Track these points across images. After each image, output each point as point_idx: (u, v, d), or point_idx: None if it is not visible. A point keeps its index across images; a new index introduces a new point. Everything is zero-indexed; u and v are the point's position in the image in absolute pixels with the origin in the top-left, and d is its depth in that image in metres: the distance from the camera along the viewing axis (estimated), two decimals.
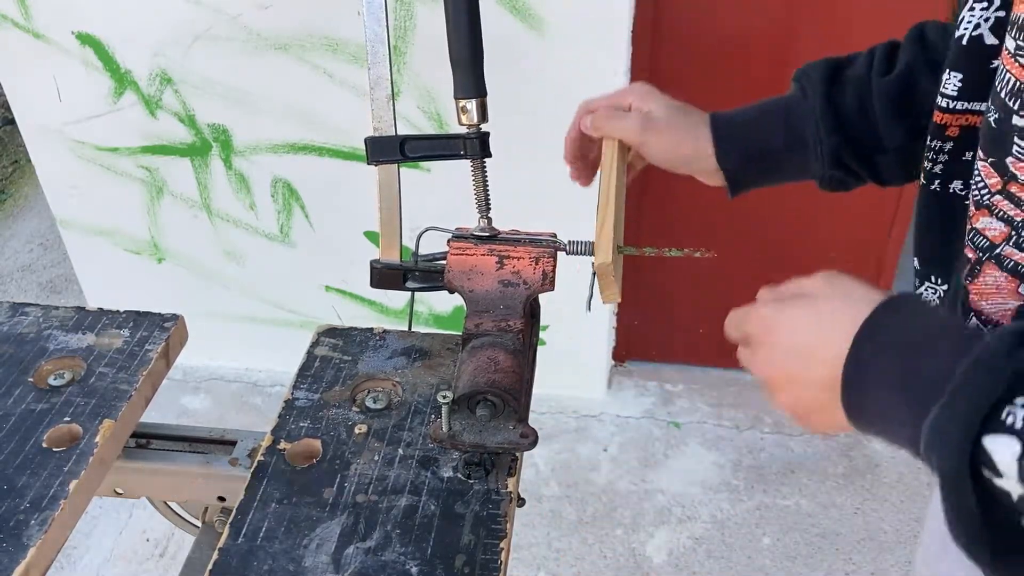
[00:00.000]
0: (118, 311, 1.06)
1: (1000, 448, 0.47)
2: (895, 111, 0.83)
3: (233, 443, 1.04)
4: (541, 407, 2.36)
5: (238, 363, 2.57)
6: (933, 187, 0.73)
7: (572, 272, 1.09)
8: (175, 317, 1.05)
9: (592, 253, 0.84)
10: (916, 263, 0.77)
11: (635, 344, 2.49)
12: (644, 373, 2.50)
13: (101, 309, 1.06)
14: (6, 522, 0.80)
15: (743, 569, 1.99)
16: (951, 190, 0.72)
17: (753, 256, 2.27)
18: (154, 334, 1.02)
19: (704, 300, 2.40)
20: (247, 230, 2.29)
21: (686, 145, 0.89)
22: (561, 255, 0.86)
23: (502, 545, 0.78)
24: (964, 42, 0.66)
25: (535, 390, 0.94)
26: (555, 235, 0.87)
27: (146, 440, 1.04)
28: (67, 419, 0.91)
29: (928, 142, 0.72)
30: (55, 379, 0.96)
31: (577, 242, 0.86)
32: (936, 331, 0.54)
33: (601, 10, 1.81)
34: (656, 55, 2.02)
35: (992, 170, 0.62)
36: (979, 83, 0.66)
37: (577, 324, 2.18)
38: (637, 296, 2.38)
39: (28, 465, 0.86)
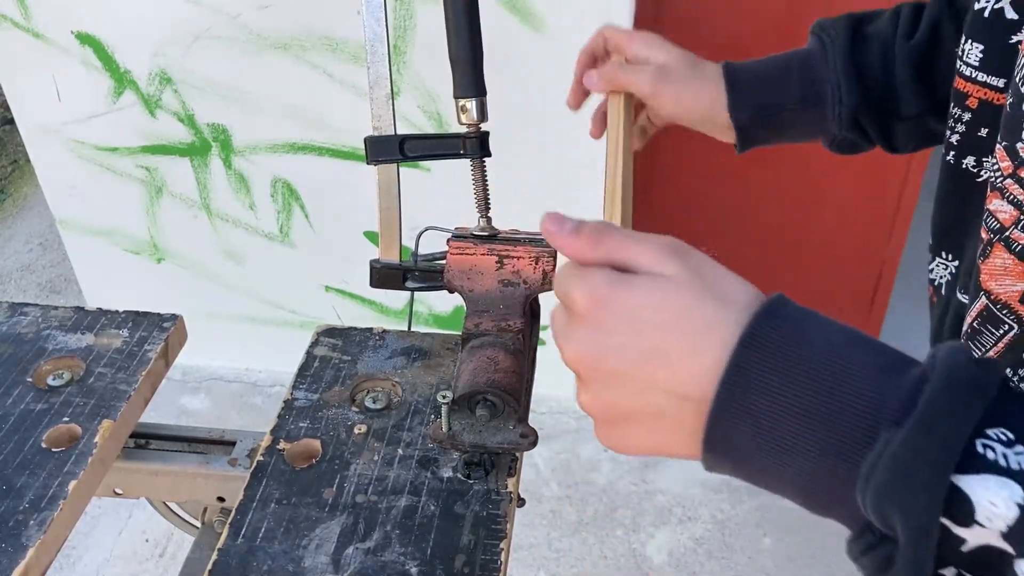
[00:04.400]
0: (117, 311, 1.06)
1: (984, 490, 0.38)
2: (918, 78, 0.80)
3: (232, 443, 1.04)
4: (541, 407, 2.36)
5: (238, 363, 2.57)
6: (948, 158, 0.71)
7: None
8: (174, 317, 1.05)
9: None
10: (931, 237, 0.76)
11: None
12: None
13: (100, 309, 1.06)
14: (5, 523, 0.80)
15: (744, 570, 1.98)
16: (963, 165, 0.70)
17: (753, 252, 2.27)
18: (153, 334, 1.02)
19: None
20: (247, 230, 2.29)
21: (704, 96, 0.84)
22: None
23: (502, 545, 0.78)
24: (986, 15, 0.64)
25: (535, 390, 0.93)
26: None
27: (145, 440, 1.04)
28: (66, 419, 0.91)
29: (950, 108, 0.70)
30: (54, 379, 0.96)
31: None
32: (841, 342, 0.43)
33: (601, 10, 1.81)
34: None
35: (1005, 154, 0.61)
36: (1000, 58, 0.65)
37: None
38: None
39: (27, 465, 0.86)
